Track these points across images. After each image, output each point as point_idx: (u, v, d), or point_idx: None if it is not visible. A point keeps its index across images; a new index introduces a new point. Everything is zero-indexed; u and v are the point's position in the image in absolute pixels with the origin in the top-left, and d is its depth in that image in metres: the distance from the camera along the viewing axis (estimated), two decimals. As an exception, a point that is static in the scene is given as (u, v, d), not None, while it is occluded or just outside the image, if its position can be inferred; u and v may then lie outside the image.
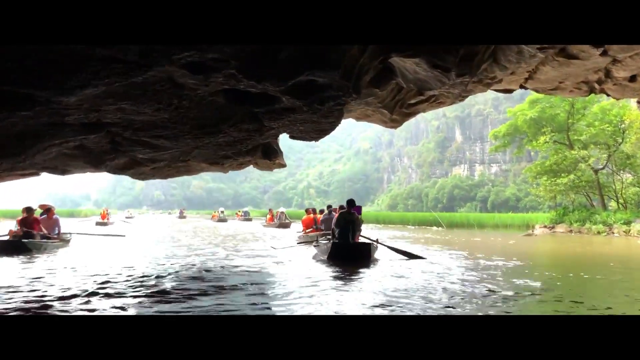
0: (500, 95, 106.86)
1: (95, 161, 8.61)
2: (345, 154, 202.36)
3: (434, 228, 32.90)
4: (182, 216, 63.82)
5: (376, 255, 12.30)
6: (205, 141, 7.06)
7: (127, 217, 53.90)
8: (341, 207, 13.59)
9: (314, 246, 13.17)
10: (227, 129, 6.67)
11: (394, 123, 12.42)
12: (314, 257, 12.45)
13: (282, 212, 30.26)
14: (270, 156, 11.06)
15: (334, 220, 12.53)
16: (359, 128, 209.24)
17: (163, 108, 5.62)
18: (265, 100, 6.03)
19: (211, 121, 6.41)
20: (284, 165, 12.59)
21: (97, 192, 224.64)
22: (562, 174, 30.51)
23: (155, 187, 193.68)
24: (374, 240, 12.60)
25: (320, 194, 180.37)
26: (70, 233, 15.75)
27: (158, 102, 5.39)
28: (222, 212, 48.27)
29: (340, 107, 6.38)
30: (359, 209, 13.59)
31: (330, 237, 13.03)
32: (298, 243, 15.10)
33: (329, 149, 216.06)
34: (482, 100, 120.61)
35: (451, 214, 41.75)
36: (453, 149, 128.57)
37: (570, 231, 27.24)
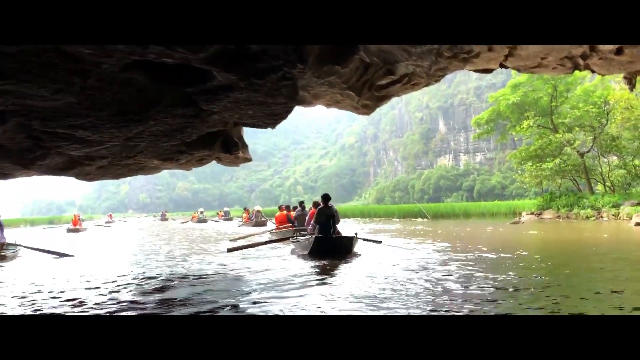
0: (483, 83, 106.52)
1: (22, 161, 7.56)
2: (331, 149, 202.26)
3: (419, 219, 31.98)
4: (164, 218, 63.65)
5: (355, 248, 12.21)
6: (134, 131, 5.98)
7: (106, 222, 52.73)
8: (315, 203, 13.58)
9: (292, 242, 13.23)
10: (156, 114, 5.62)
11: (366, 109, 11.47)
12: (292, 253, 12.53)
13: (257, 211, 29.92)
14: (230, 149, 10.07)
15: (307, 217, 12.84)
16: (344, 123, 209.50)
17: (64, 89, 4.57)
18: (195, 77, 5.04)
19: (134, 106, 5.35)
20: (249, 160, 11.67)
21: (82, 197, 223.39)
22: (548, 159, 29.66)
23: (141, 190, 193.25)
24: (353, 235, 12.36)
25: (308, 190, 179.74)
26: (17, 246, 14.25)
27: (53, 81, 4.35)
28: (202, 212, 47.84)
29: (288, 82, 5.39)
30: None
31: (304, 233, 13.42)
32: (265, 242, 14.42)
33: (314, 145, 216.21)
34: (465, 90, 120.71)
35: (437, 204, 40.79)
36: (437, 140, 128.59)
37: (558, 217, 26.47)
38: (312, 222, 12.44)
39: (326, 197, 12.24)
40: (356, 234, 12.65)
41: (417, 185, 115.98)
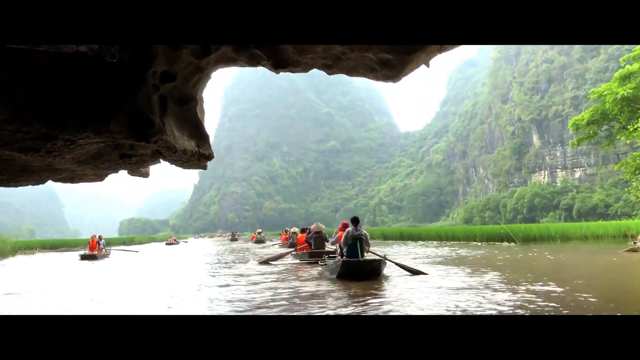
0: (581, 93, 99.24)
1: None
2: (417, 167, 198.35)
3: (505, 244, 26.26)
4: (234, 239, 64.68)
5: (385, 272, 11.97)
6: None
7: (167, 244, 51.19)
8: (344, 225, 12.96)
9: (320, 265, 13.40)
10: None
11: (388, 71, 7.18)
12: (319, 276, 12.45)
13: (294, 232, 29.05)
14: (145, 132, 6.08)
15: (335, 239, 13.11)
16: (431, 140, 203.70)
17: None
18: None
19: None
20: (207, 157, 7.84)
21: (175, 217, 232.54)
22: (672, 166, 23.06)
23: (229, 210, 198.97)
24: (382, 257, 12.07)
25: (393, 210, 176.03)
26: None
27: None
28: (260, 232, 47.44)
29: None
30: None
31: (333, 255, 13.54)
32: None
33: (400, 164, 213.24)
34: (560, 101, 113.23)
35: (528, 225, 34.73)
36: (531, 155, 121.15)
37: (691, 241, 20.11)
38: (340, 244, 12.36)
39: (355, 220, 11.92)
40: (385, 256, 12.26)
41: (509, 204, 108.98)
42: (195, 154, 7.33)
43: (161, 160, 7.84)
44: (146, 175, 9.14)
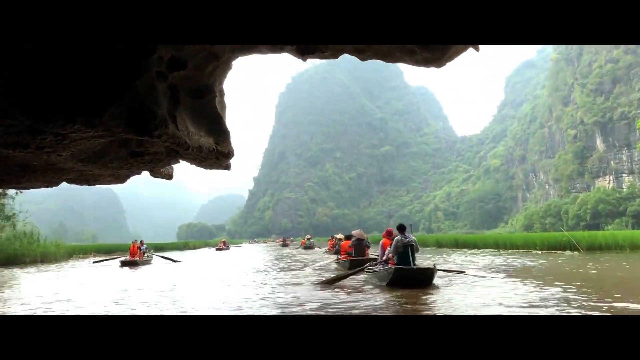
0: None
1: None
2: (475, 173, 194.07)
3: (567, 252, 24.38)
4: (284, 244, 64.43)
5: (434, 280, 11.62)
6: None
7: (217, 249, 50.87)
8: (388, 232, 13.09)
9: (367, 272, 13.08)
10: None
11: (429, 54, 6.20)
12: (367, 283, 12.36)
13: (339, 239, 28.21)
14: (146, 124, 5.34)
15: (380, 247, 12.91)
16: (488, 145, 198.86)
17: None
18: None
19: None
20: (226, 155, 7.08)
21: (231, 222, 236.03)
22: None
23: (283, 215, 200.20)
24: (432, 266, 11.74)
25: (449, 216, 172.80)
26: None
27: None
28: (309, 239, 47.01)
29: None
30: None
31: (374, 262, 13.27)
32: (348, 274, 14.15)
33: (456, 169, 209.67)
34: (626, 102, 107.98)
35: (594, 232, 32.51)
36: (595, 159, 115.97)
37: None
38: (387, 252, 12.19)
39: (402, 227, 11.87)
40: (434, 265, 11.87)
41: (571, 210, 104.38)
42: (213, 151, 6.58)
43: (180, 160, 7.17)
44: (169, 176, 8.49)
